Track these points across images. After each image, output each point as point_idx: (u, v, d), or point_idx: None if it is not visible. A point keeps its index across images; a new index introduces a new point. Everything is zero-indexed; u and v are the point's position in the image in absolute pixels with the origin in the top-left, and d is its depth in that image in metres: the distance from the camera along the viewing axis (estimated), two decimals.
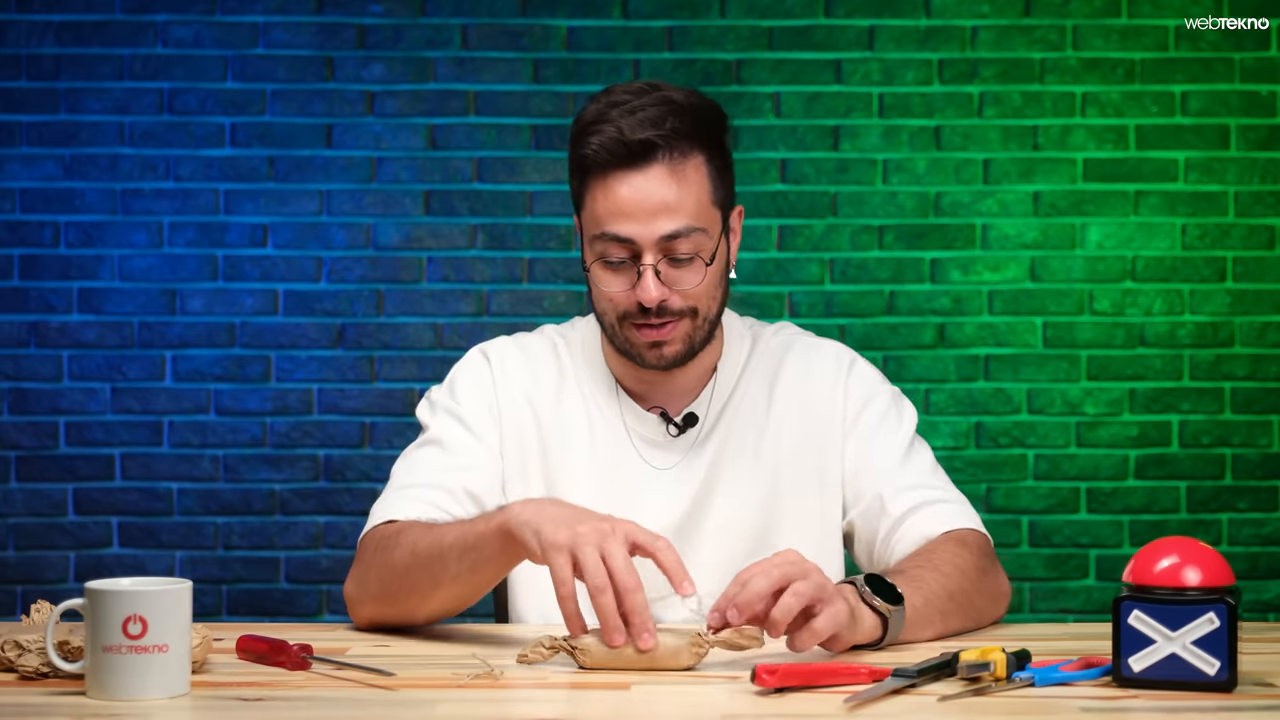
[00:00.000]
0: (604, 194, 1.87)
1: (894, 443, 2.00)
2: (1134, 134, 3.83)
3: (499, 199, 3.81)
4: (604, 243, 1.87)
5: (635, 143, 1.84)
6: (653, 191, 1.85)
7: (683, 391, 2.00)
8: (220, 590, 3.78)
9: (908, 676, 1.50)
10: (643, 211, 1.85)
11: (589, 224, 1.90)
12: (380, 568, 1.84)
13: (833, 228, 3.82)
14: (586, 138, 1.87)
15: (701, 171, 1.89)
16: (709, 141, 1.90)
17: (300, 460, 3.79)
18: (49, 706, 1.45)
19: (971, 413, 3.82)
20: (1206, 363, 3.83)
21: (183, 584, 1.50)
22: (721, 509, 1.98)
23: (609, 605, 1.58)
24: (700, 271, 1.88)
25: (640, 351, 1.91)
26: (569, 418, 2.00)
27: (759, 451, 2.00)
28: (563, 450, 1.99)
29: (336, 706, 1.46)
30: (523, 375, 2.02)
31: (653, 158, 1.85)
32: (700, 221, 1.88)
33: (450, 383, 2.03)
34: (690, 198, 1.87)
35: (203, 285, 3.79)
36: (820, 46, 3.83)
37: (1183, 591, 1.48)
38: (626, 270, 1.88)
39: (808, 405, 2.01)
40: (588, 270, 1.92)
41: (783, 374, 2.03)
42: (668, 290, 1.87)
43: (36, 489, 3.77)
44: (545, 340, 2.06)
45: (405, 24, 3.81)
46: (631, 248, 1.87)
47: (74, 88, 3.78)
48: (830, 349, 2.06)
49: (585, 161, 1.88)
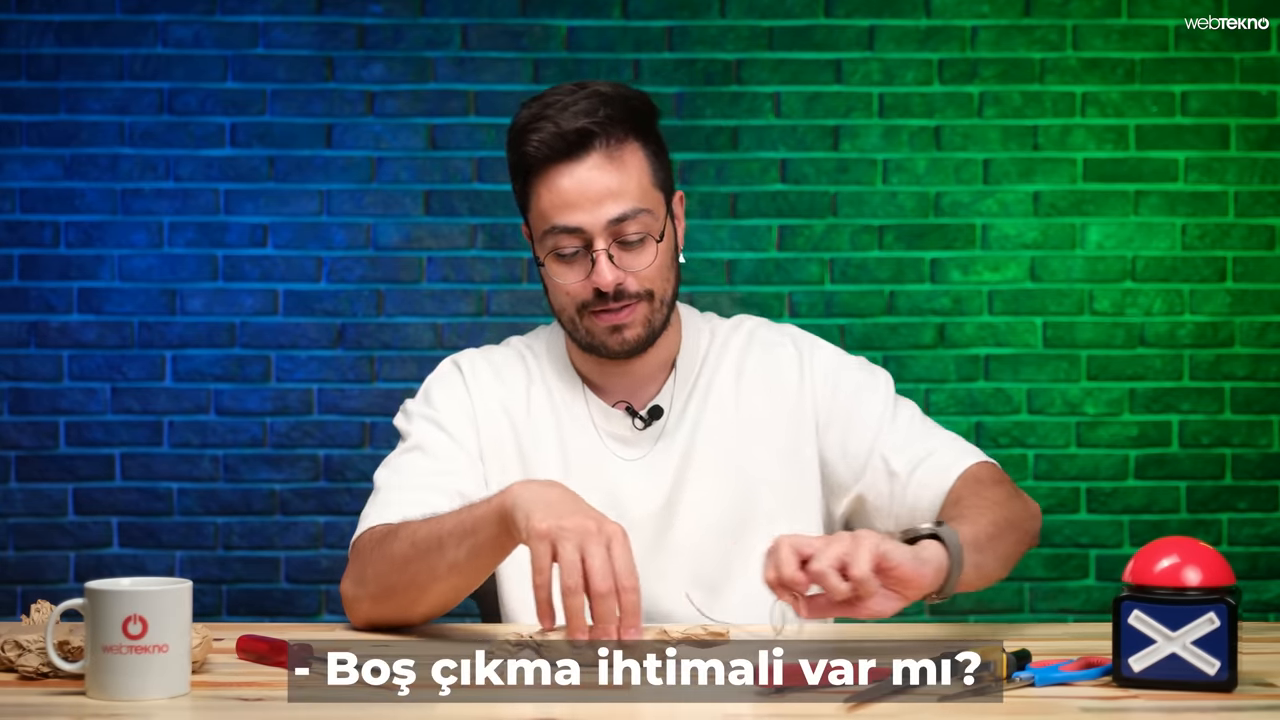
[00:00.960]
0: (547, 189, 1.93)
1: (876, 408, 2.02)
2: (1134, 134, 3.83)
3: (499, 199, 3.81)
4: (554, 236, 1.93)
5: (571, 132, 1.91)
6: (595, 179, 1.92)
7: (644, 383, 2.03)
8: (220, 590, 3.78)
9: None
10: (587, 200, 1.91)
11: (537, 222, 1.96)
12: (379, 562, 1.85)
13: (833, 228, 3.82)
14: (525, 137, 1.94)
15: (639, 156, 1.95)
16: (642, 128, 1.96)
17: (300, 460, 3.79)
18: (49, 706, 1.44)
19: (971, 413, 3.82)
20: (1206, 363, 3.83)
21: (183, 584, 1.50)
22: (697, 497, 2.01)
23: (576, 607, 1.60)
24: (651, 252, 1.94)
25: (603, 340, 1.95)
26: (540, 422, 2.03)
27: (729, 439, 2.02)
28: (537, 454, 2.02)
29: (336, 707, 1.46)
30: (494, 384, 2.05)
31: (590, 146, 1.92)
32: (644, 203, 1.93)
33: (425, 393, 2.07)
34: (632, 181, 1.93)
35: (203, 285, 3.79)
36: (820, 46, 3.83)
37: (1183, 591, 1.48)
38: (580, 260, 1.93)
39: (774, 389, 2.04)
40: (542, 268, 1.96)
41: (747, 361, 2.06)
42: (622, 273, 1.92)
43: (36, 489, 3.77)
44: (511, 350, 2.10)
45: (405, 24, 3.80)
46: (582, 237, 1.92)
47: (74, 88, 3.77)
48: (789, 332, 2.10)
49: (526, 160, 1.95)
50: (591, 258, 1.92)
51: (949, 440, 2.01)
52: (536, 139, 1.92)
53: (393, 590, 1.84)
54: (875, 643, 1.77)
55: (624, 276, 1.92)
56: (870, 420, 2.01)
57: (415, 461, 2.00)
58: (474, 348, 2.13)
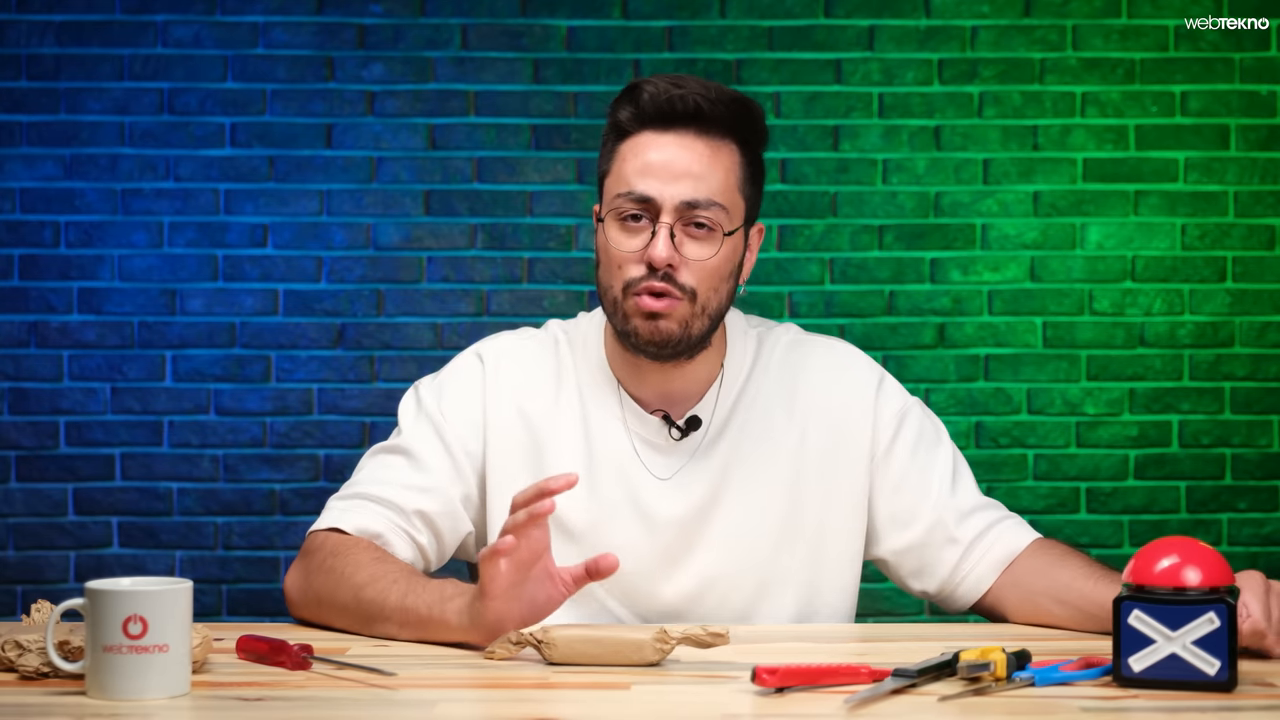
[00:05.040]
0: (634, 154, 1.88)
1: (939, 466, 1.98)
2: (1134, 134, 3.83)
3: (499, 199, 3.81)
4: (624, 201, 1.87)
5: (679, 99, 1.86)
6: (682, 157, 1.87)
7: (685, 396, 1.96)
8: (220, 590, 3.78)
9: (908, 676, 1.50)
10: (669, 173, 1.86)
11: (613, 184, 1.90)
12: (321, 589, 1.84)
13: (833, 228, 3.82)
14: (638, 90, 1.89)
15: (734, 159, 1.91)
16: (746, 136, 1.92)
17: (300, 460, 3.80)
18: (49, 706, 1.45)
19: (971, 413, 3.82)
20: (1206, 363, 3.83)
21: (183, 584, 1.50)
22: (729, 518, 1.94)
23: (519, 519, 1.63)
24: (714, 248, 1.88)
25: (637, 325, 1.87)
26: (566, 423, 1.96)
27: (774, 456, 1.96)
28: (557, 453, 1.95)
29: (336, 706, 1.46)
30: (517, 379, 1.99)
31: (691, 123, 1.88)
32: (723, 199, 1.88)
33: (440, 386, 2.00)
34: (719, 173, 1.88)
35: (203, 285, 3.79)
36: (820, 46, 3.83)
37: (1183, 591, 1.48)
38: (641, 230, 1.87)
39: (834, 416, 1.98)
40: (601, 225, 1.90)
41: (804, 378, 1.99)
42: (678, 255, 1.86)
43: (36, 489, 3.78)
44: (547, 337, 2.03)
45: (405, 24, 3.81)
46: (652, 208, 1.86)
47: (74, 88, 3.78)
48: (860, 362, 2.04)
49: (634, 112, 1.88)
50: (654, 230, 1.86)
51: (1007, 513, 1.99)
52: (648, 93, 1.87)
53: (333, 621, 1.84)
54: (875, 642, 1.77)
55: (679, 260, 1.86)
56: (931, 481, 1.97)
57: (397, 467, 1.95)
58: (510, 330, 2.06)
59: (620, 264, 1.88)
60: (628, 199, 1.87)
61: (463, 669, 1.63)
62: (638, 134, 1.88)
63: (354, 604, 1.79)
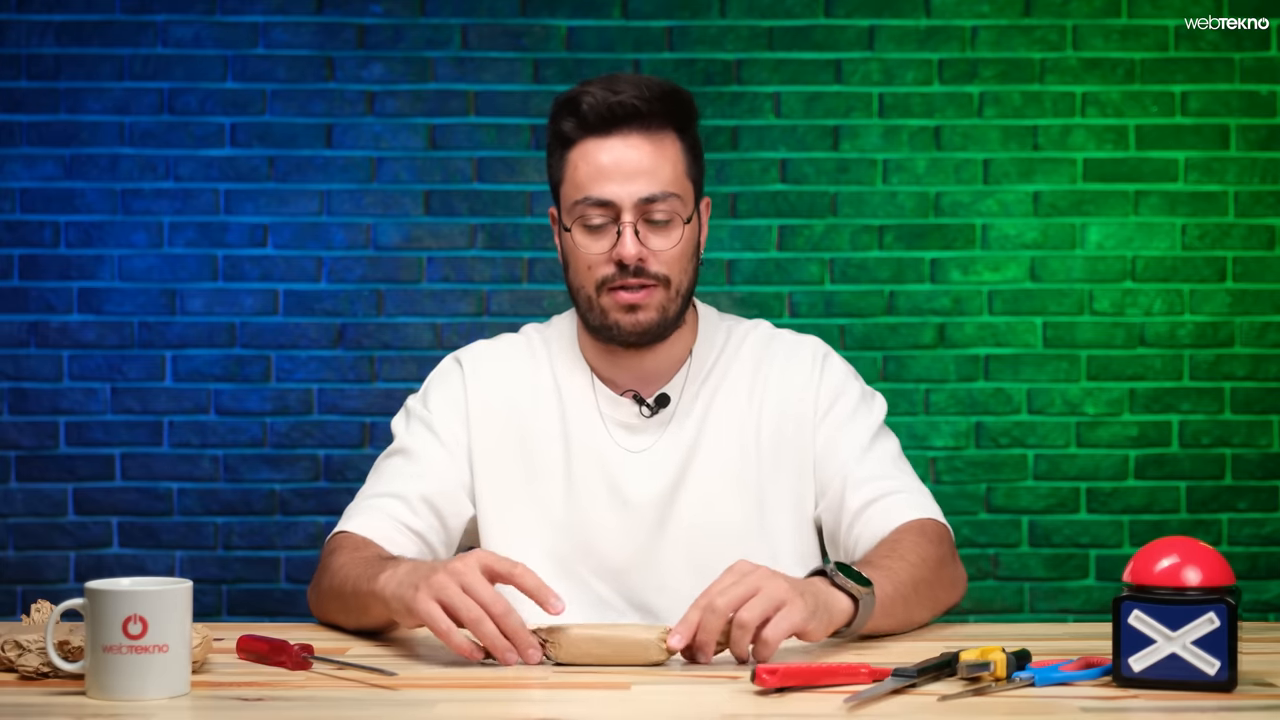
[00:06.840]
0: (585, 161, 1.97)
1: (858, 435, 2.05)
2: (1134, 134, 3.83)
3: (499, 199, 3.81)
4: (584, 207, 1.96)
5: (618, 104, 1.95)
6: (631, 157, 1.96)
7: (656, 376, 2.06)
8: (220, 590, 3.78)
9: (908, 676, 1.50)
10: (622, 174, 1.95)
11: (570, 192, 1.98)
12: (322, 585, 1.93)
13: (833, 228, 3.82)
14: (574, 104, 1.97)
15: (677, 147, 1.99)
16: (682, 122, 2.00)
17: (300, 460, 3.80)
18: (49, 706, 1.45)
19: (971, 413, 3.82)
20: (1206, 363, 3.83)
21: (183, 584, 1.50)
22: (700, 490, 2.03)
23: (492, 632, 1.62)
24: (676, 236, 1.98)
25: (616, 319, 1.98)
26: (544, 411, 2.06)
27: (738, 436, 2.04)
28: (540, 442, 2.05)
29: (336, 706, 1.46)
30: (496, 377, 2.09)
31: (632, 123, 1.96)
32: (675, 189, 1.98)
33: (424, 391, 2.12)
34: (667, 165, 1.97)
35: (203, 285, 3.79)
36: (820, 46, 3.83)
37: (1183, 591, 1.48)
38: (606, 232, 1.96)
39: (786, 395, 2.06)
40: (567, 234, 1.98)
41: (764, 364, 2.08)
42: (645, 250, 1.96)
43: (36, 489, 3.77)
44: (522, 338, 2.14)
45: (405, 24, 3.81)
46: (612, 210, 1.95)
47: (74, 88, 3.77)
48: (809, 342, 2.12)
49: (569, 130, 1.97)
50: (618, 230, 1.95)
51: (908, 487, 2.01)
52: (586, 103, 1.95)
53: (332, 615, 1.91)
54: (876, 642, 1.77)
55: (646, 253, 1.96)
56: (845, 448, 2.03)
57: (395, 466, 2.05)
58: (487, 339, 2.16)
59: (590, 265, 1.98)
60: (587, 204, 1.96)
61: (463, 669, 1.63)
62: (583, 141, 1.97)
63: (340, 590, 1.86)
